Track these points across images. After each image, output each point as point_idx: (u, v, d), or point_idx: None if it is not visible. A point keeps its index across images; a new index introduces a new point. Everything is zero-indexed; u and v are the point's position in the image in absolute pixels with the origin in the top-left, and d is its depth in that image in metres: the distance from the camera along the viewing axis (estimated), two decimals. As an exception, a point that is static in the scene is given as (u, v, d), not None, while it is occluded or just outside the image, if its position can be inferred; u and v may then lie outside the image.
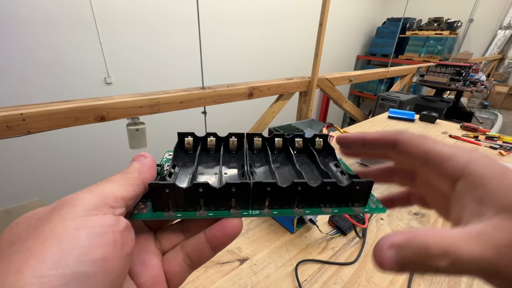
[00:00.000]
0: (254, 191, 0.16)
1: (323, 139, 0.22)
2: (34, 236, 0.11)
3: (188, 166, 0.20)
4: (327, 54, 2.26)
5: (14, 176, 1.69)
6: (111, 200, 0.13)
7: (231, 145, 0.22)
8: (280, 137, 0.22)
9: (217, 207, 0.16)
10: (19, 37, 1.49)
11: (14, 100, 1.54)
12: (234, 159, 0.21)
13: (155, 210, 0.16)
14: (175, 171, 0.19)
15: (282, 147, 0.22)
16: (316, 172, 0.20)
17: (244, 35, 2.51)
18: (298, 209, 0.17)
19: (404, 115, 0.98)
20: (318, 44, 1.37)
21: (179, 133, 0.21)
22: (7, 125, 0.74)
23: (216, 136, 0.21)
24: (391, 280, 0.35)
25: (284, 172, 0.20)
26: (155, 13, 1.92)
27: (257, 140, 0.22)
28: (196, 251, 0.16)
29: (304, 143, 0.22)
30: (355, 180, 0.16)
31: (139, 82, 2.01)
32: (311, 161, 0.21)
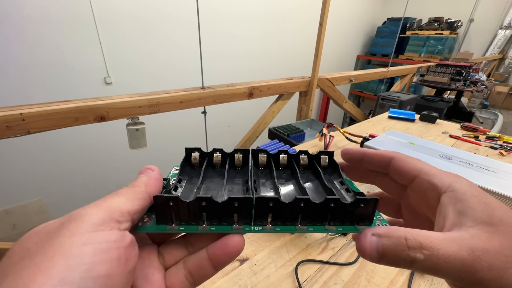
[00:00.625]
0: (257, 206, 0.16)
1: (328, 156, 0.22)
2: (43, 251, 0.11)
3: (194, 181, 0.20)
4: (327, 54, 2.26)
5: (14, 176, 1.69)
6: (118, 215, 0.13)
7: (236, 161, 0.22)
8: (285, 153, 0.22)
9: (219, 221, 0.16)
10: (19, 37, 1.49)
11: (14, 100, 1.54)
12: (240, 175, 0.21)
13: (159, 223, 0.16)
14: (180, 185, 0.19)
15: (287, 164, 0.22)
16: (321, 189, 0.20)
17: (244, 35, 2.51)
18: (301, 226, 0.16)
19: (404, 115, 0.98)
20: (318, 44, 1.37)
21: (187, 149, 0.21)
22: (6, 125, 0.74)
23: (222, 152, 0.22)
24: (391, 280, 0.35)
25: (288, 188, 0.20)
26: (155, 13, 1.92)
27: (262, 156, 0.22)
28: (197, 268, 0.16)
29: (309, 160, 0.22)
30: (358, 198, 0.16)
31: (139, 82, 2.01)
32: (316, 178, 0.21)
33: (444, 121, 0.98)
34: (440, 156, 0.56)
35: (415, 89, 3.49)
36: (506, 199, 0.43)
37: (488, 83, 2.96)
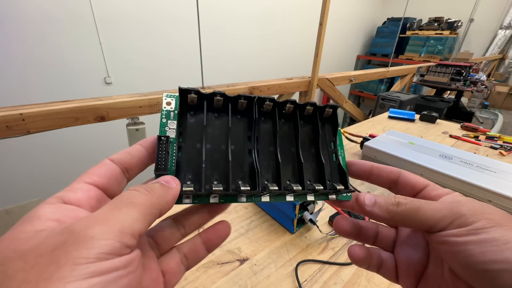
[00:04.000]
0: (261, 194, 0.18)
1: (333, 109, 0.22)
2: (37, 281, 0.09)
3: (192, 130, 0.19)
4: (327, 54, 2.26)
5: (14, 176, 1.69)
6: (128, 239, 0.11)
7: (239, 107, 0.20)
8: (292, 104, 0.21)
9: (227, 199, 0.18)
10: (19, 37, 1.49)
11: (14, 100, 1.54)
12: (242, 123, 0.20)
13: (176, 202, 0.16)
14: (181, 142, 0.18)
15: (291, 115, 0.22)
16: (313, 150, 0.22)
17: (245, 35, 2.51)
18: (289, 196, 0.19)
19: (404, 115, 0.98)
20: (318, 44, 1.37)
21: (181, 90, 0.18)
22: (6, 125, 0.74)
23: (224, 96, 0.19)
24: (391, 280, 0.35)
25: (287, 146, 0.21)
26: (155, 13, 1.92)
27: (268, 104, 0.20)
28: (192, 252, 0.17)
29: (314, 112, 0.22)
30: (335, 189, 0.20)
31: (138, 82, 2.01)
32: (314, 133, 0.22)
33: (444, 121, 0.98)
34: (440, 156, 0.56)
35: (415, 89, 3.49)
36: (506, 199, 0.43)
37: (488, 83, 2.96)
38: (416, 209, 0.15)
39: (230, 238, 0.40)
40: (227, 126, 0.19)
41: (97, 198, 0.14)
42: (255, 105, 0.20)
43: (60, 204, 0.13)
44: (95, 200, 0.14)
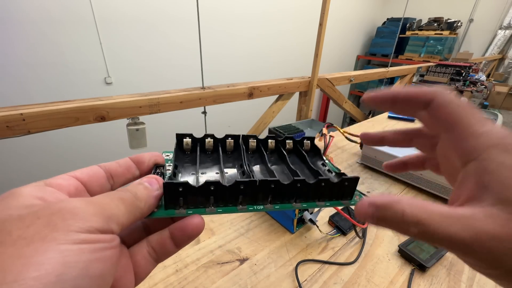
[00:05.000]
0: (260, 187, 0.17)
1: (310, 141, 0.25)
2: (32, 241, 0.10)
3: (187, 166, 0.21)
4: (327, 54, 2.26)
5: (14, 176, 1.69)
6: (114, 225, 0.13)
7: (228, 146, 0.23)
8: (273, 139, 0.24)
9: (225, 203, 0.17)
10: (19, 37, 1.49)
11: (14, 100, 1.54)
12: (231, 159, 0.23)
13: (167, 208, 0.16)
14: (178, 171, 0.20)
15: (275, 148, 0.24)
16: (307, 171, 0.22)
17: (244, 35, 2.51)
18: (296, 203, 0.19)
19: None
20: (318, 44, 1.37)
21: (178, 134, 0.22)
22: (7, 125, 0.74)
23: (213, 137, 0.23)
24: (391, 280, 0.35)
25: (279, 170, 0.22)
26: (155, 13, 1.92)
27: (252, 141, 0.24)
28: (160, 246, 0.16)
29: (294, 145, 0.25)
30: (344, 177, 0.19)
31: (139, 82, 2.01)
32: (301, 161, 0.24)
33: (443, 121, 0.98)
34: (440, 156, 0.56)
35: (415, 89, 3.49)
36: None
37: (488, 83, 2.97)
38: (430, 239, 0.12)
39: (230, 238, 0.40)
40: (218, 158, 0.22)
41: (76, 187, 0.15)
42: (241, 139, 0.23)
43: (42, 185, 0.14)
44: (74, 187, 0.15)
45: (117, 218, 0.13)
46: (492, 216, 0.11)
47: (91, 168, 0.16)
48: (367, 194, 0.52)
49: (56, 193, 0.13)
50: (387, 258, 0.38)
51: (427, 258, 0.36)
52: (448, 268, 0.37)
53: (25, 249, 0.10)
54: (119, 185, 0.17)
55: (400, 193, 0.54)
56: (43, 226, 0.10)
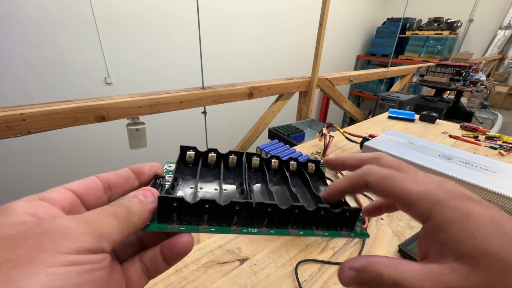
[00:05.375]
0: (256, 210, 0.17)
1: (315, 164, 0.24)
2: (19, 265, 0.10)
3: (188, 179, 0.21)
4: (327, 54, 2.26)
5: (14, 176, 1.69)
6: (106, 244, 0.12)
7: (230, 162, 0.23)
8: (277, 159, 0.24)
9: (219, 222, 0.17)
10: (19, 37, 1.49)
11: (14, 100, 1.54)
12: (232, 175, 0.22)
13: (160, 222, 0.16)
14: (177, 184, 0.20)
15: (278, 168, 0.24)
16: (309, 196, 0.22)
17: (244, 35, 2.51)
18: (292, 229, 0.18)
19: (404, 115, 0.98)
20: (318, 44, 1.37)
21: (182, 147, 0.22)
22: (7, 125, 0.74)
23: (217, 152, 0.22)
24: (391, 280, 0.35)
25: (279, 192, 0.22)
26: (155, 13, 1.92)
27: (255, 160, 0.23)
28: (151, 263, 0.16)
29: (298, 166, 0.24)
30: (345, 208, 0.18)
31: (139, 82, 2.01)
32: (304, 183, 0.23)
33: (443, 121, 0.98)
34: (440, 156, 0.56)
35: (414, 89, 3.49)
36: (506, 199, 0.43)
37: (488, 83, 2.97)
38: None
39: (230, 238, 0.40)
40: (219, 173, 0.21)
41: (70, 201, 0.15)
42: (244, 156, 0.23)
43: (35, 200, 0.13)
44: (68, 201, 0.14)
45: (109, 236, 0.13)
46: (456, 270, 0.12)
47: (88, 180, 0.16)
48: (366, 194, 0.52)
49: (49, 208, 0.13)
50: (387, 258, 0.38)
51: (427, 258, 0.36)
52: (448, 268, 0.37)
53: (11, 273, 0.09)
54: (117, 196, 0.17)
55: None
56: (31, 247, 0.10)
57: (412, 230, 0.43)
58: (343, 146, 0.74)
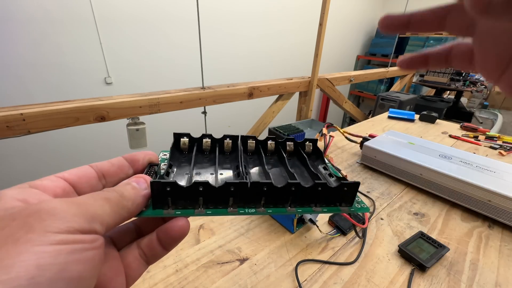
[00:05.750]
0: (251, 190, 0.16)
1: (312, 143, 0.23)
2: (5, 244, 0.09)
3: (183, 166, 0.21)
4: (327, 54, 2.26)
5: (14, 176, 1.69)
6: (98, 225, 0.12)
7: (225, 147, 0.22)
8: (273, 140, 0.23)
9: (215, 205, 0.17)
10: (19, 37, 1.49)
11: (14, 100, 1.54)
12: (229, 160, 0.22)
13: (155, 208, 0.16)
14: (172, 171, 0.19)
15: (275, 150, 0.23)
16: (307, 174, 0.21)
17: (244, 35, 2.51)
18: (291, 208, 0.18)
19: (404, 115, 0.98)
20: (318, 44, 1.37)
21: (175, 134, 0.21)
22: (7, 125, 0.74)
23: (211, 137, 0.22)
24: (391, 280, 0.35)
25: (277, 173, 0.21)
26: (155, 13, 1.92)
27: (251, 142, 0.23)
28: (149, 249, 0.16)
29: (295, 147, 0.23)
30: (343, 182, 0.18)
31: (139, 82, 2.01)
32: (302, 163, 0.23)
33: (443, 121, 0.98)
34: (440, 156, 0.56)
35: (414, 89, 3.49)
36: (506, 199, 0.43)
37: (488, 83, 2.97)
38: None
39: (230, 238, 0.40)
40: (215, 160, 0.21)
41: (63, 188, 0.14)
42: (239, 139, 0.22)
43: (27, 187, 0.13)
44: (60, 189, 0.14)
45: (101, 218, 0.12)
46: None
47: (81, 168, 0.16)
48: (367, 194, 0.52)
49: (40, 194, 0.13)
50: (387, 258, 0.38)
51: (427, 258, 0.36)
52: (448, 268, 0.37)
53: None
54: (111, 184, 0.17)
55: (400, 193, 0.54)
56: (18, 227, 0.10)
57: (412, 230, 0.44)
58: (343, 146, 0.74)
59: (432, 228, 0.44)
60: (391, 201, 0.51)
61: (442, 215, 0.48)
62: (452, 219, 0.47)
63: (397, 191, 0.54)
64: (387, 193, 0.53)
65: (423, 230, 0.43)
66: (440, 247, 0.38)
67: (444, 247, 0.38)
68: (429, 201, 0.51)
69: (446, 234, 0.43)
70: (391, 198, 0.52)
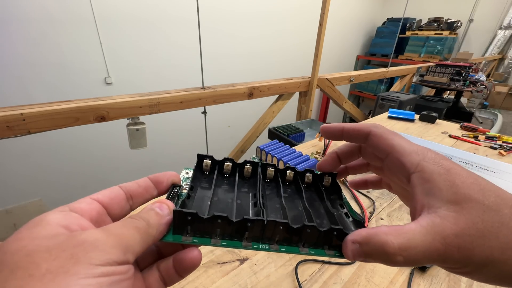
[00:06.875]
0: (268, 228, 0.17)
1: (331, 177, 0.24)
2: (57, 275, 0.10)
3: (204, 187, 0.21)
4: (327, 54, 2.26)
5: (14, 176, 1.69)
6: (130, 255, 0.13)
7: (245, 172, 0.23)
8: (292, 170, 0.24)
9: (231, 237, 0.17)
10: (19, 37, 1.49)
11: (14, 100, 1.54)
12: (247, 185, 0.23)
13: (175, 233, 0.17)
14: (192, 193, 0.20)
15: (293, 179, 0.24)
16: (323, 211, 0.21)
17: (244, 35, 2.51)
18: (303, 248, 0.18)
19: (404, 115, 0.98)
20: (318, 44, 1.37)
21: (199, 155, 0.22)
22: (7, 125, 0.74)
23: (232, 161, 0.23)
24: (391, 280, 0.35)
25: (293, 206, 0.21)
26: (155, 13, 1.92)
27: (270, 170, 0.23)
28: (166, 274, 0.17)
29: (314, 179, 0.24)
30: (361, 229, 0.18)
31: (139, 82, 2.01)
32: (319, 197, 0.23)
33: (443, 121, 0.98)
34: (440, 156, 0.56)
35: (414, 89, 3.50)
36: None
37: (488, 83, 2.97)
38: (413, 262, 0.14)
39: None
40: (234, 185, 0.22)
41: (97, 211, 0.16)
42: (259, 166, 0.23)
43: (67, 211, 0.14)
44: (96, 212, 0.15)
45: (133, 248, 0.13)
46: (445, 217, 0.13)
47: (112, 190, 0.17)
48: (367, 194, 0.52)
49: (79, 219, 0.14)
50: (387, 258, 0.38)
51: (427, 258, 0.36)
52: (448, 268, 0.37)
53: (51, 283, 0.10)
54: (137, 205, 0.18)
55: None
56: (67, 259, 0.11)
57: (412, 230, 0.43)
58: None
59: (432, 228, 0.44)
60: (391, 201, 0.51)
61: (442, 215, 0.48)
62: (452, 219, 0.47)
63: (397, 191, 0.54)
64: (387, 193, 0.53)
65: (423, 230, 0.43)
66: (440, 247, 0.38)
67: (444, 247, 0.38)
68: (429, 201, 0.51)
69: (446, 234, 0.43)
70: (391, 198, 0.52)
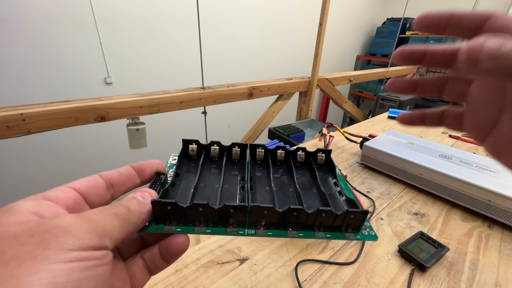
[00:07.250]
0: (252, 213, 0.16)
1: (325, 154, 0.22)
2: (24, 261, 0.10)
3: (191, 172, 0.20)
4: (327, 54, 2.26)
5: (14, 176, 1.69)
6: (108, 241, 0.13)
7: (234, 155, 0.22)
8: (283, 149, 0.22)
9: (215, 224, 0.17)
10: (19, 37, 1.49)
11: (14, 100, 1.54)
12: (237, 167, 0.22)
13: (157, 223, 0.16)
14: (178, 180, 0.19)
15: (284, 159, 0.22)
16: (315, 190, 0.20)
17: (244, 35, 2.51)
18: (292, 231, 0.17)
19: (404, 115, 0.98)
20: (318, 44, 1.37)
21: (184, 140, 0.21)
22: (7, 125, 0.74)
23: (219, 145, 0.22)
24: (391, 280, 0.35)
25: (284, 187, 0.20)
26: (155, 13, 1.92)
27: (260, 151, 0.22)
28: (152, 261, 0.17)
29: (306, 157, 0.22)
30: (350, 210, 0.16)
31: (139, 82, 2.01)
32: (312, 176, 0.22)
33: (443, 121, 0.98)
34: (440, 156, 0.56)
35: (415, 89, 3.49)
36: (506, 199, 0.43)
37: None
38: None
39: (230, 238, 0.40)
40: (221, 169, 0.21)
41: (74, 199, 0.15)
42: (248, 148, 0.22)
43: (40, 199, 0.13)
44: (72, 200, 0.15)
45: (110, 234, 0.13)
46: None
47: (90, 178, 0.16)
48: (367, 194, 0.52)
49: (53, 207, 0.13)
50: (387, 258, 0.38)
51: (427, 258, 0.36)
52: (448, 268, 0.37)
53: (17, 269, 0.10)
54: (119, 194, 0.18)
55: (400, 193, 0.54)
56: (36, 244, 0.10)
57: (412, 230, 0.44)
58: (343, 146, 0.74)
59: (432, 228, 0.44)
60: (391, 201, 0.51)
61: (442, 215, 0.48)
62: (452, 219, 0.47)
63: (397, 191, 0.54)
64: (387, 193, 0.53)
65: (423, 230, 0.43)
66: (440, 247, 0.38)
67: (444, 247, 0.38)
68: (429, 201, 0.51)
69: (446, 234, 0.43)
70: (391, 198, 0.52)
